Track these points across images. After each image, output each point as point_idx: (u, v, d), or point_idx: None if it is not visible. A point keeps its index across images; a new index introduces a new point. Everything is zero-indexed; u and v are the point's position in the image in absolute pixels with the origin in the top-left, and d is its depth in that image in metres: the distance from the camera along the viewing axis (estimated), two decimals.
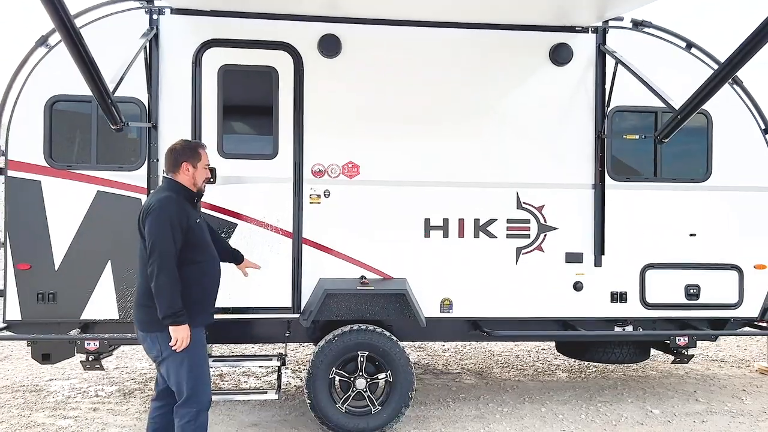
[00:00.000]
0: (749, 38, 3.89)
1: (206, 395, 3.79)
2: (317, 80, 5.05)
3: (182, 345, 3.67)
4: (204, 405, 3.78)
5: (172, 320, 3.62)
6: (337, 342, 4.84)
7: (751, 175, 5.43)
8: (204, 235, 3.90)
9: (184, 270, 3.69)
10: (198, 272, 3.79)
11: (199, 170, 3.90)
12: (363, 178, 5.12)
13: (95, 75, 3.86)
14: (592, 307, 5.28)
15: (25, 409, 5.45)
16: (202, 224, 3.92)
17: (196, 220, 3.81)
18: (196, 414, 3.75)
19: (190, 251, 3.74)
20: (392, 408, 4.87)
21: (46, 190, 4.83)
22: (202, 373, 3.78)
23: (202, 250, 3.83)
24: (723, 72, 4.16)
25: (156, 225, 3.63)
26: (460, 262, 5.18)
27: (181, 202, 3.77)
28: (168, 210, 3.66)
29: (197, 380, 3.74)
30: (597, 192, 5.27)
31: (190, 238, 3.73)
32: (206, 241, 3.90)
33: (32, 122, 4.82)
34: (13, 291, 4.81)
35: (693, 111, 4.41)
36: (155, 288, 3.60)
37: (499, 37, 5.21)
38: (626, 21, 5.40)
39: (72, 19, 3.59)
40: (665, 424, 5.20)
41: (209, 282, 3.89)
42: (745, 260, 5.41)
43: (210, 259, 3.89)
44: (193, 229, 3.76)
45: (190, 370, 3.72)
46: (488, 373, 6.73)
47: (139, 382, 6.31)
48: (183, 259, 3.70)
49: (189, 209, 3.80)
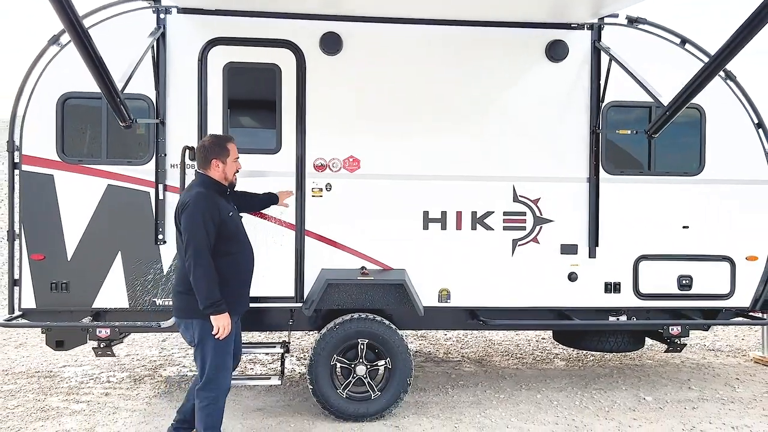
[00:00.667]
0: (734, 35, 4.01)
1: (226, 381, 4.03)
2: (319, 77, 5.21)
3: (224, 332, 3.92)
4: (222, 391, 4.03)
5: (212, 310, 3.87)
6: (338, 330, 5.03)
7: (744, 169, 5.54)
8: (237, 226, 4.14)
9: (219, 261, 3.93)
10: (233, 263, 4.03)
11: (229, 164, 4.16)
12: (363, 172, 5.28)
13: (104, 74, 4.04)
14: (587, 297, 5.44)
15: (40, 394, 5.68)
16: (235, 216, 4.16)
17: (228, 213, 4.05)
18: (215, 399, 4.00)
19: (224, 243, 3.99)
20: (391, 394, 5.05)
21: (58, 184, 5.03)
22: (224, 361, 4.01)
23: (236, 241, 4.08)
24: (709, 69, 4.29)
25: (190, 221, 3.88)
26: (457, 254, 5.34)
27: (212, 196, 4.02)
28: (200, 206, 3.90)
29: (219, 367, 3.98)
30: (591, 185, 5.40)
31: (223, 231, 3.97)
32: (240, 233, 4.15)
33: (45, 118, 5.01)
34: (27, 280, 5.02)
35: (681, 107, 4.53)
36: (193, 282, 3.85)
37: (497, 34, 5.34)
38: (621, 18, 5.50)
39: (81, 21, 3.76)
40: (657, 410, 5.36)
41: (243, 272, 4.14)
42: (737, 252, 5.54)
43: (244, 250, 4.14)
44: (226, 222, 4.00)
45: (214, 356, 3.96)
46: (488, 361, 6.90)
47: (149, 368, 6.53)
48: (217, 251, 3.94)
49: (221, 203, 4.05)
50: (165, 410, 5.27)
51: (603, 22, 5.42)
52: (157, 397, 5.62)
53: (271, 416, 5.10)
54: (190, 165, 5.05)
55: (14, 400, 5.49)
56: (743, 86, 5.56)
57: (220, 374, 4.01)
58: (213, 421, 4.04)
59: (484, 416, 5.19)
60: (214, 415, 4.04)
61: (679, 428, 4.96)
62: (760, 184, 5.54)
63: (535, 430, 4.91)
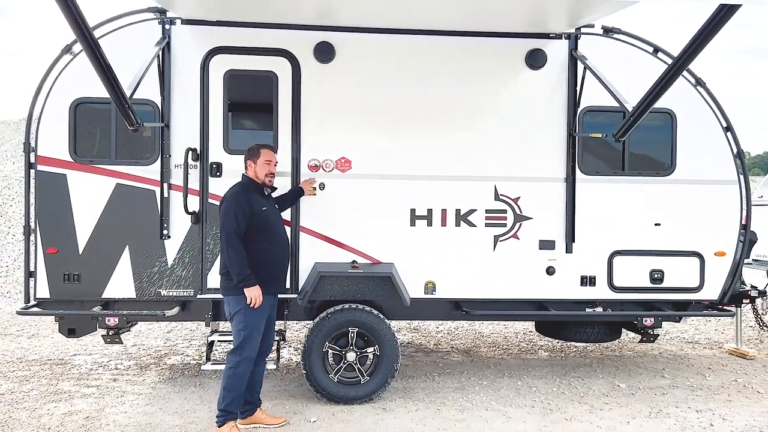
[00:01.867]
0: (685, 47, 4.37)
1: (251, 351, 4.62)
2: (313, 83, 5.57)
3: (257, 302, 4.55)
4: (245, 358, 4.59)
5: (244, 284, 4.52)
6: (330, 319, 5.40)
7: (713, 170, 5.89)
8: (268, 220, 4.74)
9: (250, 247, 4.57)
10: (262, 250, 4.64)
11: (259, 165, 4.78)
12: (355, 172, 5.65)
13: (113, 82, 4.43)
14: (564, 290, 5.79)
15: (53, 379, 6.08)
16: (269, 212, 4.76)
17: (261, 208, 4.68)
18: (237, 363, 4.58)
19: (255, 233, 4.60)
20: (379, 378, 5.42)
21: (71, 183, 5.42)
22: (252, 332, 4.62)
23: (266, 232, 4.70)
24: (665, 79, 4.63)
25: (224, 211, 4.61)
26: (442, 249, 5.70)
27: (246, 193, 4.69)
28: (232, 199, 4.62)
29: (247, 337, 4.59)
30: (568, 185, 5.76)
31: (253, 222, 4.61)
32: (270, 225, 4.76)
33: (59, 122, 5.40)
34: (42, 272, 5.41)
35: (644, 112, 4.88)
36: (227, 261, 4.56)
37: (480, 44, 5.69)
38: (597, 28, 5.86)
39: (92, 32, 4.15)
40: (629, 396, 5.72)
41: (272, 259, 4.74)
42: (706, 248, 5.88)
43: (273, 240, 4.75)
44: (257, 215, 4.64)
45: (243, 327, 4.59)
46: (475, 352, 7.27)
47: (154, 357, 6.92)
48: (249, 239, 4.56)
49: (254, 198, 4.70)
50: (170, 394, 5.66)
51: (580, 32, 5.77)
52: (161, 383, 6.00)
53: (268, 399, 5.46)
54: (192, 165, 5.45)
55: (29, 385, 5.89)
56: (712, 92, 5.90)
57: (247, 344, 4.59)
58: (231, 384, 4.58)
59: (466, 400, 5.55)
60: (233, 378, 4.58)
61: (647, 411, 5.31)
62: (728, 184, 5.88)
63: (513, 412, 5.27)
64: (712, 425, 5.01)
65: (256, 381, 4.87)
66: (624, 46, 5.88)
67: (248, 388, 4.80)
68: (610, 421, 5.10)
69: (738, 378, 6.25)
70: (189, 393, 5.71)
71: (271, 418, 4.94)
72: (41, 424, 4.92)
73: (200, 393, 5.70)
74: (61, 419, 5.02)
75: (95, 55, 4.24)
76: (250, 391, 4.84)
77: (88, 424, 4.94)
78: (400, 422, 5.02)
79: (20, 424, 4.92)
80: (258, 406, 4.94)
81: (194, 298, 5.53)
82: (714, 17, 4.05)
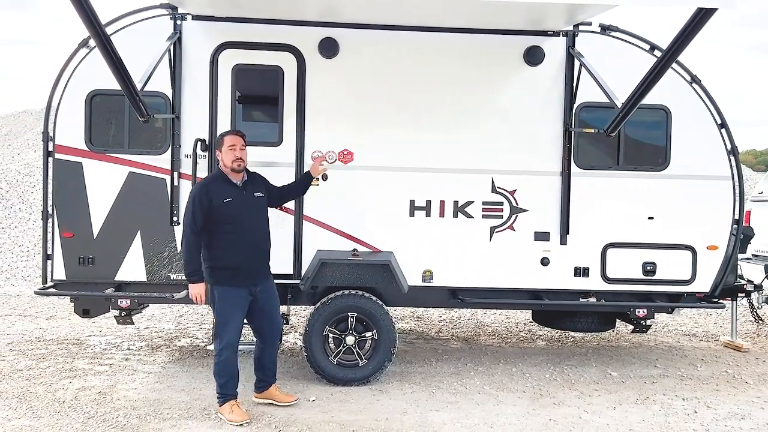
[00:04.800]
0: (669, 46, 4.53)
1: (229, 339, 4.76)
2: (317, 78, 5.80)
3: (198, 301, 4.67)
4: (225, 345, 4.76)
5: (188, 278, 4.69)
6: (331, 304, 5.64)
7: (706, 165, 6.02)
8: (233, 212, 4.74)
9: (215, 241, 4.70)
10: (227, 243, 4.73)
11: (224, 153, 4.80)
12: (356, 163, 5.87)
13: (125, 76, 4.70)
14: (558, 280, 5.98)
15: (68, 358, 6.39)
16: (234, 203, 4.74)
17: (223, 200, 4.69)
18: (219, 351, 4.79)
19: (217, 225, 4.70)
20: (377, 361, 5.65)
21: (86, 170, 5.70)
22: (227, 321, 4.76)
23: (231, 224, 4.73)
24: (650, 76, 4.78)
25: (186, 204, 4.75)
26: (440, 239, 5.91)
27: (208, 185, 4.76)
28: (192, 194, 4.75)
29: (222, 326, 4.78)
30: (564, 179, 5.93)
31: (213, 216, 4.68)
32: (238, 217, 4.76)
33: (75, 112, 5.67)
34: (59, 255, 5.71)
35: (633, 107, 5.03)
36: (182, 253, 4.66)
37: (479, 40, 5.87)
38: (595, 25, 6.01)
39: (104, 29, 4.42)
40: (619, 384, 5.90)
41: (238, 252, 4.75)
42: (699, 241, 6.02)
43: (241, 232, 4.76)
44: (216, 207, 4.67)
45: (218, 316, 4.80)
46: (474, 340, 7.48)
47: (165, 339, 7.22)
48: (213, 232, 4.69)
49: (218, 191, 4.72)
50: (178, 373, 5.94)
51: (577, 29, 5.93)
52: (171, 363, 6.29)
53: None
54: (201, 155, 5.71)
55: (46, 362, 6.21)
56: (707, 89, 6.03)
57: (223, 332, 4.76)
58: (219, 370, 4.81)
59: (461, 384, 5.77)
60: (219, 365, 4.80)
61: (634, 398, 5.49)
62: (721, 179, 6.02)
63: (504, 396, 5.48)
64: (696, 412, 5.19)
65: (265, 364, 5.07)
66: (621, 44, 6.02)
67: (260, 370, 5.07)
68: (597, 406, 5.29)
69: (729, 369, 6.40)
70: (196, 372, 5.99)
71: (283, 396, 5.14)
72: (56, 397, 5.22)
73: (207, 373, 5.96)
74: (75, 393, 5.32)
75: (107, 50, 4.50)
76: (263, 371, 5.08)
77: (100, 398, 5.23)
78: (394, 403, 5.25)
79: (37, 396, 5.23)
80: (272, 383, 5.15)
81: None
82: (692, 20, 4.21)
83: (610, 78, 5.45)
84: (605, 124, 5.60)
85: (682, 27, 4.32)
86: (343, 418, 4.92)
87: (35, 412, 4.90)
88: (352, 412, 5.02)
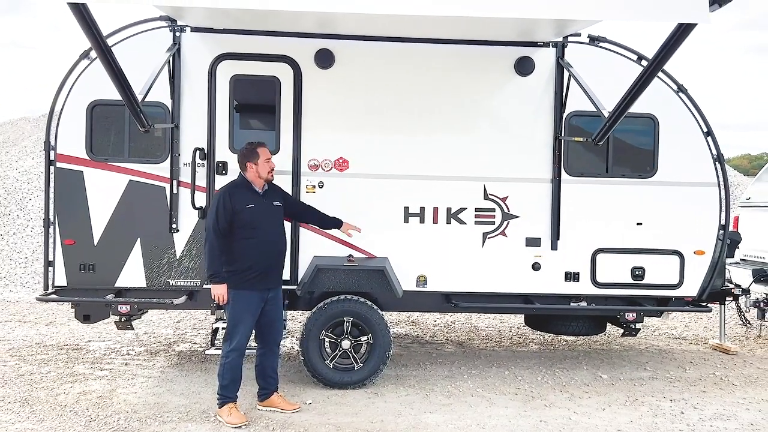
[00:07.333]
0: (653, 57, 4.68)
1: (238, 343, 4.91)
2: (313, 88, 5.94)
3: (220, 300, 4.88)
4: (233, 348, 4.90)
5: (211, 280, 4.90)
6: (327, 309, 5.76)
7: (693, 172, 6.17)
8: (255, 218, 4.94)
9: (236, 244, 4.88)
10: (247, 247, 4.90)
11: (261, 165, 5.01)
12: (352, 171, 6.01)
13: (125, 87, 4.82)
14: (549, 285, 6.11)
15: (69, 362, 6.50)
16: (256, 209, 4.95)
17: (246, 206, 4.90)
18: (227, 353, 4.93)
19: (239, 230, 4.90)
20: (372, 365, 5.77)
21: (87, 179, 5.82)
22: (237, 325, 4.91)
23: (253, 230, 4.92)
24: (635, 87, 4.92)
25: (210, 207, 5.02)
26: (434, 244, 6.04)
27: (232, 190, 4.96)
28: (217, 197, 4.94)
29: (233, 329, 4.92)
30: (554, 186, 6.07)
31: (236, 220, 4.88)
32: (258, 223, 4.96)
33: (76, 122, 5.80)
34: (60, 262, 5.82)
35: (619, 117, 5.17)
36: (204, 254, 4.89)
37: (471, 52, 6.02)
38: (584, 36, 6.17)
39: (105, 41, 4.55)
40: (609, 386, 6.03)
41: (258, 256, 4.93)
42: (686, 247, 6.17)
43: (262, 237, 4.95)
44: (240, 212, 4.88)
45: (230, 319, 4.93)
46: (468, 344, 7.61)
47: (164, 344, 7.33)
48: (235, 236, 4.89)
49: (241, 196, 4.90)
50: (177, 378, 6.06)
51: (567, 40, 6.08)
52: (170, 368, 6.40)
53: None
54: (200, 164, 5.84)
55: (47, 367, 6.31)
56: (693, 98, 6.19)
57: (233, 335, 4.90)
58: (223, 371, 4.94)
59: (454, 387, 5.90)
60: (224, 367, 4.93)
61: (623, 400, 5.63)
62: (707, 186, 6.17)
63: (496, 398, 5.61)
64: (683, 413, 5.32)
65: (266, 368, 5.16)
66: (609, 54, 6.18)
67: (262, 377, 5.16)
68: (587, 408, 5.42)
69: (716, 371, 6.54)
70: (195, 377, 6.10)
71: (286, 404, 5.20)
72: (58, 402, 5.33)
73: (205, 377, 6.09)
74: (76, 398, 5.43)
75: (109, 61, 4.63)
76: (264, 379, 5.17)
77: (101, 402, 5.34)
78: (389, 405, 5.37)
79: (39, 401, 5.34)
80: (274, 391, 5.22)
81: (200, 288, 5.91)
82: (674, 34, 4.37)
83: (598, 87, 5.61)
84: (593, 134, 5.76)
85: (665, 39, 4.47)
86: (339, 420, 5.04)
87: (38, 416, 5.01)
88: (348, 415, 5.15)
